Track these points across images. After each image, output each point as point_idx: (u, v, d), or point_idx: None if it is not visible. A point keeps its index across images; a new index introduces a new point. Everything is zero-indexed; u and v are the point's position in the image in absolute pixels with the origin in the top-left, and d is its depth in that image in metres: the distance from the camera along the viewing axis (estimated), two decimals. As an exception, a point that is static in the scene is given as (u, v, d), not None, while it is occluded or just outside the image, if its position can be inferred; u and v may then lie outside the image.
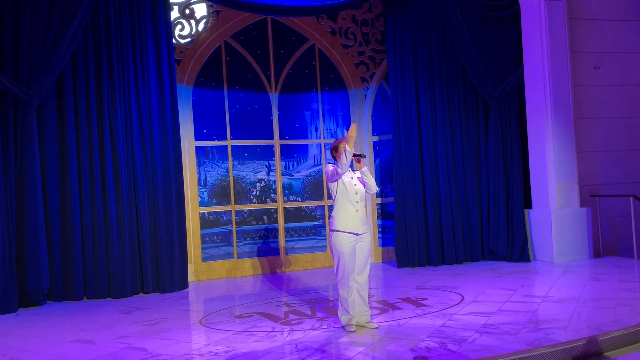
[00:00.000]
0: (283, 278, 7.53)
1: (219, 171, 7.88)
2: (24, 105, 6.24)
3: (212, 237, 7.79)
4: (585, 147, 7.80)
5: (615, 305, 4.94)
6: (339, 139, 4.72)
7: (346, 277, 4.53)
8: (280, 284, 7.13)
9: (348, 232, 4.52)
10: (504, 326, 4.44)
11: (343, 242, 4.52)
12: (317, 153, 8.33)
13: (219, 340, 4.53)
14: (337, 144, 4.67)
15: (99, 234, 6.59)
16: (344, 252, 4.51)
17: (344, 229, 4.52)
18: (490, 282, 6.36)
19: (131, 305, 6.18)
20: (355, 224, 4.53)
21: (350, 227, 4.53)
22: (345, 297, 4.56)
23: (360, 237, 4.58)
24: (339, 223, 4.53)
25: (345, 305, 4.57)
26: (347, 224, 4.53)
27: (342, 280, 4.55)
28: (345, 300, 4.56)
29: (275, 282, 7.27)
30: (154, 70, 6.95)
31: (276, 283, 7.18)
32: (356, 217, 4.54)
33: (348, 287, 4.53)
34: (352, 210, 4.55)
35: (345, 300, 4.56)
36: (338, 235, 4.53)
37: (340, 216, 4.55)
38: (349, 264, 4.52)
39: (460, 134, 7.91)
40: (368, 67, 8.48)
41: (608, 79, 7.95)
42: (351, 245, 4.53)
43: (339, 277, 4.56)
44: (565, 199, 7.45)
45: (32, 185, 6.25)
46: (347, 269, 4.52)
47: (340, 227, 4.52)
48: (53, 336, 4.94)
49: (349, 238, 4.52)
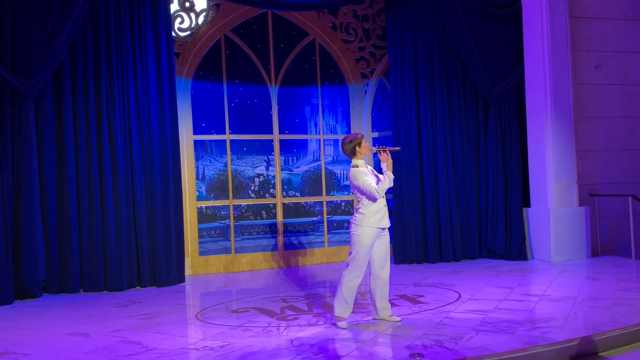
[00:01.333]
0: (280, 274, 7.52)
1: (217, 165, 7.85)
2: (22, 97, 6.21)
3: (210, 232, 7.77)
4: (585, 146, 7.78)
5: (613, 304, 4.93)
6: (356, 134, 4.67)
7: (359, 270, 4.50)
8: (277, 279, 7.12)
9: (377, 227, 4.52)
10: (501, 324, 4.43)
11: (368, 236, 4.49)
12: (316, 148, 8.31)
13: (215, 335, 4.52)
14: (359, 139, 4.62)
15: (95, 227, 6.57)
16: (367, 245, 4.49)
17: (373, 225, 4.51)
18: (487, 280, 6.35)
19: (127, 298, 6.16)
20: (384, 218, 4.55)
21: (379, 222, 4.52)
22: (352, 290, 4.51)
23: (384, 230, 4.58)
24: (369, 220, 4.50)
25: (347, 297, 4.52)
26: (376, 220, 4.51)
27: (354, 272, 4.50)
28: (351, 292, 4.52)
29: (272, 277, 7.25)
30: (153, 63, 6.91)
31: (273, 278, 7.16)
32: (384, 211, 4.55)
33: (359, 279, 4.51)
34: (381, 205, 4.54)
35: (350, 293, 4.52)
36: (366, 230, 4.49)
37: (370, 213, 4.51)
38: (365, 257, 4.52)
39: (459, 131, 7.88)
40: (368, 63, 8.45)
41: (608, 78, 7.92)
42: (374, 238, 4.53)
43: (352, 267, 4.50)
44: (564, 198, 7.43)
45: (29, 177, 6.22)
46: (363, 262, 4.51)
47: (370, 223, 4.50)
48: (48, 329, 4.93)
49: (376, 233, 4.52)
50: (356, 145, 4.62)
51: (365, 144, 4.63)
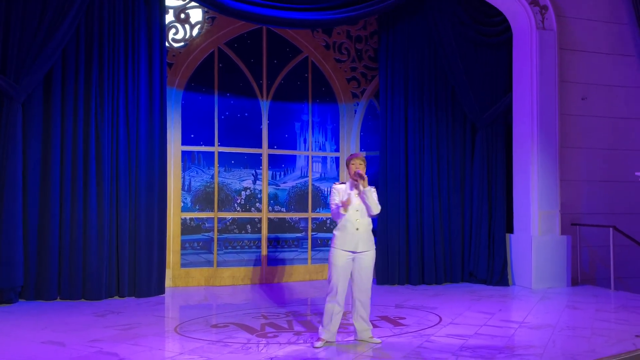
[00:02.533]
0: (262, 289, 7.47)
1: (204, 177, 7.82)
2: (10, 99, 6.15)
3: (193, 244, 7.71)
4: (569, 176, 7.89)
5: (591, 334, 4.97)
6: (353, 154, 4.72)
7: (335, 292, 4.49)
8: (259, 295, 7.07)
9: (345, 250, 4.52)
10: (480, 350, 4.44)
11: (338, 257, 4.52)
12: (304, 165, 8.32)
13: (193, 349, 4.46)
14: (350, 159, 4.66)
15: (77, 234, 6.48)
16: (338, 266, 4.50)
17: (342, 247, 4.53)
18: (468, 304, 6.37)
19: (105, 308, 6.07)
20: (354, 243, 4.52)
21: (348, 246, 4.53)
22: (329, 312, 4.52)
23: (358, 254, 4.55)
24: (338, 241, 4.55)
25: (327, 319, 4.54)
26: (345, 243, 4.53)
27: (330, 294, 4.52)
28: (327, 314, 4.53)
29: (254, 293, 7.20)
30: (145, 72, 6.90)
31: (255, 294, 7.11)
32: (355, 236, 4.52)
33: (335, 301, 4.50)
34: (352, 230, 4.54)
35: (327, 315, 4.53)
36: (335, 251, 4.55)
37: (340, 235, 4.56)
38: (341, 279, 4.50)
39: (446, 155, 7.96)
40: (359, 83, 8.52)
41: (594, 110, 8.07)
42: (346, 260, 4.52)
43: (328, 289, 4.53)
44: (547, 226, 7.52)
45: (12, 180, 6.14)
46: (338, 284, 4.49)
47: (339, 245, 4.54)
48: (23, 336, 4.83)
49: (346, 255, 4.52)
50: (346, 165, 4.73)
51: (351, 166, 4.64)
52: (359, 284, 4.58)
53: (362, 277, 4.58)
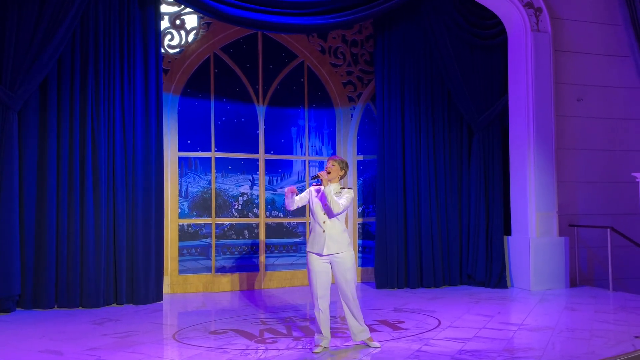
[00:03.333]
0: (261, 295, 7.45)
1: (201, 183, 7.81)
2: (6, 108, 6.14)
3: (190, 250, 7.69)
4: (566, 177, 7.90)
5: (590, 336, 4.96)
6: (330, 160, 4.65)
7: (315, 297, 4.50)
8: (258, 300, 7.05)
9: (314, 253, 4.52)
10: (480, 353, 4.43)
11: (312, 261, 4.53)
12: (301, 169, 8.32)
13: (192, 356, 4.44)
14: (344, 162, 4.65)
15: (74, 242, 6.46)
16: (313, 271, 4.51)
17: (311, 249, 4.55)
18: (467, 307, 6.36)
19: (103, 316, 6.05)
20: (321, 244, 4.50)
21: (317, 248, 4.52)
22: (316, 317, 4.53)
23: (331, 257, 4.51)
24: (309, 243, 4.60)
25: (317, 325, 4.55)
26: (314, 245, 4.54)
27: (313, 300, 4.54)
28: (317, 319, 4.53)
29: (253, 298, 7.18)
30: (141, 79, 6.90)
31: (253, 299, 7.10)
32: (322, 237, 4.50)
33: (318, 307, 4.50)
34: (319, 231, 4.53)
35: (317, 319, 4.53)
36: (309, 255, 4.57)
37: (310, 237, 4.59)
38: (318, 283, 4.48)
39: (443, 157, 7.97)
40: (356, 87, 8.53)
41: (590, 111, 8.09)
42: (321, 263, 4.50)
43: (311, 295, 4.55)
44: (545, 228, 7.52)
45: (8, 188, 6.12)
46: (316, 288, 4.49)
47: (309, 247, 4.57)
48: (20, 345, 4.80)
49: (318, 258, 4.51)
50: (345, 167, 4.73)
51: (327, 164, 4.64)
52: (341, 287, 4.55)
53: (342, 279, 4.53)
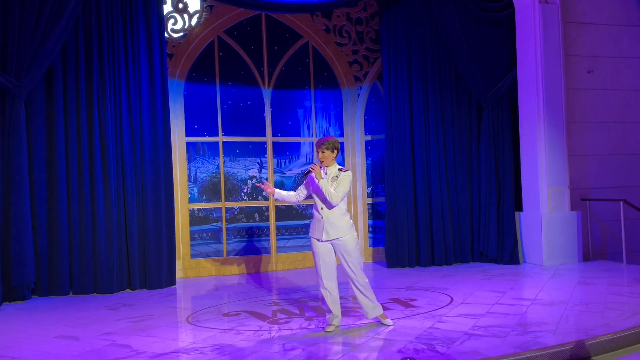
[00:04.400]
0: (272, 277, 7.48)
1: (209, 167, 7.81)
2: (12, 97, 6.15)
3: (202, 234, 7.73)
4: (577, 151, 7.81)
5: (604, 309, 4.94)
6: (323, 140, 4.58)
7: (320, 278, 4.54)
8: (270, 282, 7.09)
9: (315, 238, 4.55)
10: (493, 329, 4.42)
11: (313, 244, 4.57)
12: (309, 151, 8.29)
13: (205, 338, 4.48)
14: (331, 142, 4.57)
15: (85, 229, 6.51)
16: (315, 253, 4.56)
17: (312, 234, 4.59)
18: (479, 284, 6.35)
19: (117, 301, 6.11)
20: (320, 230, 4.51)
21: (316, 233, 4.54)
22: (325, 296, 4.56)
23: (334, 241, 4.50)
24: (310, 229, 4.64)
25: (327, 304, 4.58)
26: (314, 230, 4.57)
27: (318, 280, 4.58)
28: (325, 299, 4.57)
29: (265, 280, 7.22)
30: (145, 65, 6.87)
31: (265, 281, 7.13)
32: (321, 224, 4.50)
33: (324, 287, 4.53)
34: (318, 217, 4.55)
35: (325, 299, 4.57)
36: (310, 239, 4.62)
37: (311, 222, 4.64)
38: (321, 264, 4.52)
39: (452, 135, 7.89)
40: (362, 66, 8.44)
41: (600, 83, 7.96)
42: (322, 246, 4.52)
43: (317, 277, 4.58)
44: (556, 203, 7.46)
45: (18, 177, 6.15)
46: (319, 269, 4.53)
47: (310, 231, 4.63)
48: (37, 332, 4.87)
49: (317, 242, 4.54)
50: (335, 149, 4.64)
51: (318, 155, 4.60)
52: (346, 269, 4.57)
53: (345, 262, 4.56)
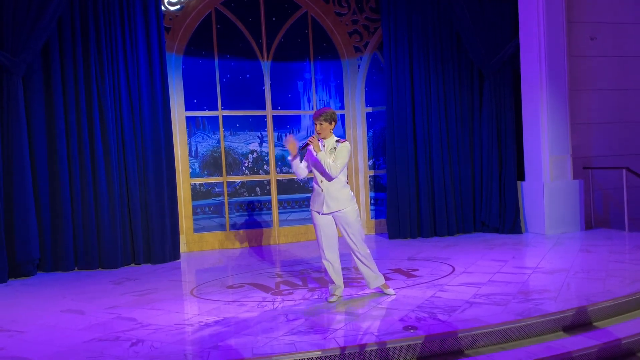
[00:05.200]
0: (275, 250, 7.53)
1: (210, 142, 7.79)
2: (9, 74, 6.10)
3: (204, 209, 7.75)
4: (580, 119, 7.75)
5: (605, 276, 4.96)
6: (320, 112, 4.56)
7: (321, 249, 4.55)
8: (272, 255, 7.13)
9: (315, 211, 4.54)
10: (494, 297, 4.45)
11: (314, 217, 4.56)
12: (309, 124, 8.24)
13: (210, 310, 4.53)
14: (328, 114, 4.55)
15: (88, 205, 6.53)
16: (316, 225, 4.55)
17: (312, 207, 4.57)
18: (481, 253, 6.38)
19: (122, 275, 6.16)
20: (320, 203, 4.50)
21: (317, 206, 4.53)
22: (326, 268, 4.58)
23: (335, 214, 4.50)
24: (310, 201, 4.61)
25: (329, 275, 4.60)
26: (314, 203, 4.55)
27: (320, 252, 4.57)
28: (327, 270, 4.58)
29: (267, 253, 7.26)
30: (143, 39, 6.79)
31: (268, 254, 7.18)
32: (321, 197, 4.49)
33: (325, 258, 4.54)
34: (318, 190, 4.53)
35: (327, 270, 4.59)
36: (311, 212, 4.60)
37: (312, 195, 4.61)
38: (322, 236, 4.52)
39: (454, 105, 7.83)
40: (362, 36, 8.33)
41: (604, 50, 7.85)
42: (322, 218, 4.51)
43: (318, 249, 4.58)
44: (558, 171, 7.43)
45: (19, 154, 6.15)
46: (320, 241, 4.53)
47: (311, 204, 4.60)
48: (43, 306, 4.92)
49: (318, 215, 4.53)
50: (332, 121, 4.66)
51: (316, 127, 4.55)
52: (347, 241, 4.58)
53: (346, 234, 4.56)
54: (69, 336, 3.99)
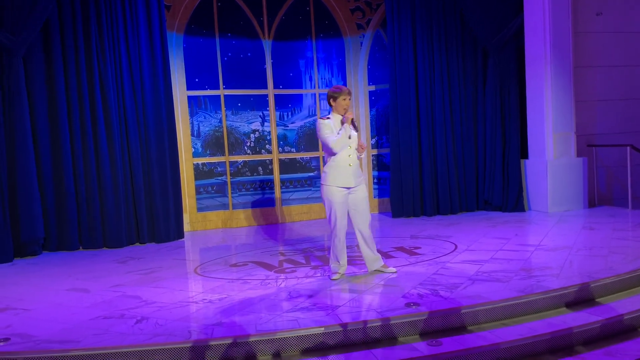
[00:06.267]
0: (278, 229, 7.55)
1: (212, 121, 7.76)
2: (10, 53, 6.06)
3: (207, 188, 7.76)
4: (584, 96, 7.68)
5: (608, 253, 4.97)
6: (339, 87, 4.54)
7: (337, 227, 4.51)
8: (275, 234, 7.16)
9: (339, 187, 4.49)
10: (496, 274, 4.47)
11: (334, 193, 4.49)
12: (311, 103, 8.20)
13: (214, 288, 4.56)
14: (337, 93, 4.49)
15: (92, 185, 6.55)
16: (336, 202, 4.49)
17: (335, 183, 4.48)
18: (484, 231, 6.39)
19: (126, 255, 6.20)
20: (347, 178, 4.48)
21: (342, 182, 4.49)
22: (336, 246, 4.56)
23: (352, 189, 4.53)
24: (330, 178, 4.48)
25: (336, 253, 4.60)
26: (337, 179, 4.48)
27: (334, 231, 4.54)
28: (336, 248, 4.58)
29: (270, 232, 7.29)
30: (144, 17, 6.73)
31: (271, 233, 7.20)
32: (348, 172, 4.47)
33: (338, 237, 4.52)
34: (345, 165, 4.48)
35: (336, 248, 4.58)
36: (330, 188, 4.49)
37: (332, 171, 4.49)
38: (341, 213, 4.50)
39: (458, 82, 7.77)
40: (364, 13, 8.23)
41: (609, 26, 7.74)
42: (343, 195, 4.50)
43: (332, 226, 4.55)
44: (562, 149, 7.40)
45: (21, 134, 6.15)
46: (339, 218, 4.50)
47: (331, 182, 4.48)
48: (48, 285, 4.97)
49: (341, 191, 4.49)
50: (331, 98, 4.53)
51: (341, 102, 4.47)
52: (358, 218, 4.57)
53: (360, 210, 4.56)
54: (75, 314, 4.03)
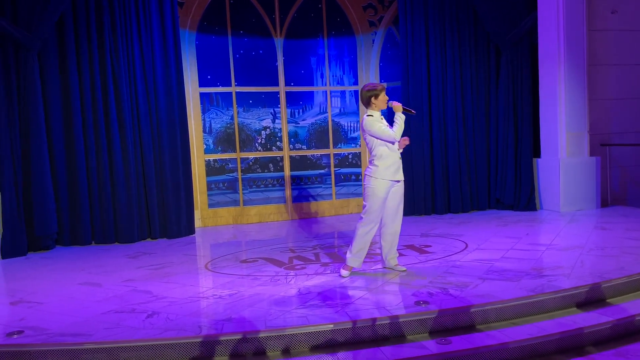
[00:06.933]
0: (288, 225, 7.57)
1: (223, 118, 7.80)
2: (25, 50, 6.13)
3: (218, 184, 7.80)
4: (598, 95, 7.61)
5: (620, 253, 4.92)
6: (375, 85, 4.54)
7: (374, 221, 4.49)
8: (286, 230, 7.18)
9: (390, 180, 4.49)
10: (507, 273, 4.45)
11: (382, 188, 4.47)
12: (322, 100, 8.20)
13: (224, 283, 4.59)
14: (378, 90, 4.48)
15: (104, 180, 6.61)
16: (381, 197, 4.47)
17: (385, 177, 4.47)
18: (495, 230, 6.36)
19: (138, 250, 6.26)
20: (398, 171, 4.51)
21: (392, 175, 4.49)
22: (364, 239, 4.51)
23: (396, 183, 4.53)
24: (382, 172, 4.46)
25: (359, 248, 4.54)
26: (389, 173, 4.48)
27: (369, 224, 4.49)
28: (362, 242, 4.52)
29: (281, 229, 7.31)
30: (156, 14, 6.77)
31: (281, 230, 7.23)
32: (397, 164, 4.50)
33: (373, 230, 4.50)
34: (395, 158, 4.50)
35: (361, 242, 4.52)
36: (378, 182, 4.46)
37: (383, 164, 4.46)
38: (380, 209, 4.50)
39: (470, 80, 7.72)
40: (376, 10, 8.21)
41: (624, 23, 7.65)
42: (387, 190, 4.50)
43: (366, 220, 4.49)
44: (575, 148, 7.33)
45: (36, 130, 6.22)
46: (377, 213, 4.49)
47: (381, 175, 4.46)
48: (61, 279, 5.03)
49: (389, 185, 4.49)
50: (373, 96, 4.50)
51: (383, 97, 4.50)
52: (395, 213, 4.57)
53: (397, 205, 4.57)
54: (87, 307, 4.08)
